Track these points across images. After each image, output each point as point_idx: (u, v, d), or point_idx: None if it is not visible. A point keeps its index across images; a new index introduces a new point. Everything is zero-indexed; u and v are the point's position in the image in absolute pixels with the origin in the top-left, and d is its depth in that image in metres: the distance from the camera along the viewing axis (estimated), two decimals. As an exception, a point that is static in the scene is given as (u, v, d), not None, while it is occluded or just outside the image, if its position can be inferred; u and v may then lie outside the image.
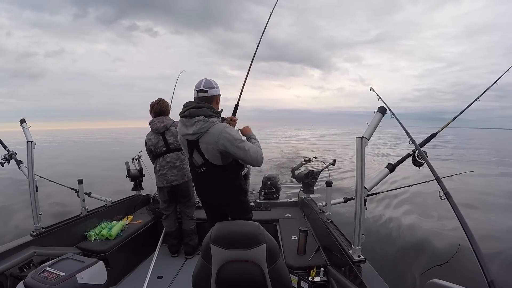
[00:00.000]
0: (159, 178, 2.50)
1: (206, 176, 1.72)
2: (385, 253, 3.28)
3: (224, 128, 1.60)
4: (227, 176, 1.72)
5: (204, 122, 1.58)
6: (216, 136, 1.58)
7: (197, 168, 1.71)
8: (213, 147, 1.60)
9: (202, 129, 1.58)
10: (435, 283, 0.82)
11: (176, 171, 2.48)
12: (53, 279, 1.26)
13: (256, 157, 1.63)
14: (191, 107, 1.62)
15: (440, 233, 3.80)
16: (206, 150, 1.62)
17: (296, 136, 27.76)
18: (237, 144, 1.58)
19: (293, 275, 1.74)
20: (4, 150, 2.26)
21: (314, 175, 2.98)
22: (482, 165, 11.91)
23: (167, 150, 2.47)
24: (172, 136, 2.46)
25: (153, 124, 2.45)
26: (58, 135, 48.95)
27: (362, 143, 1.47)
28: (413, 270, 2.94)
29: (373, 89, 1.75)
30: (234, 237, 1.01)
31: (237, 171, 1.78)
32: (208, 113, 1.60)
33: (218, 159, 1.63)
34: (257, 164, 1.67)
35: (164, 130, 2.45)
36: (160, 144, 2.46)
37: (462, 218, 0.94)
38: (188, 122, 1.62)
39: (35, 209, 1.94)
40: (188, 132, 1.62)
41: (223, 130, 1.59)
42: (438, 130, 1.79)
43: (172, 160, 2.47)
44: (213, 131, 1.59)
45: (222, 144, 1.57)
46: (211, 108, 1.64)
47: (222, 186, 1.74)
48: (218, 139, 1.57)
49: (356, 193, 1.49)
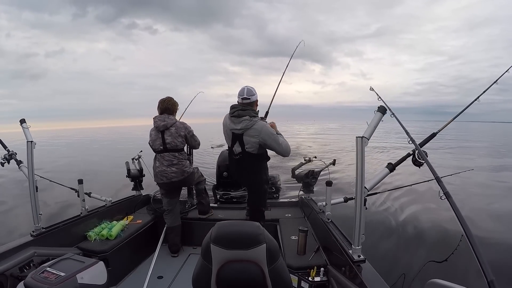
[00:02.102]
0: (158, 175, 2.52)
1: (240, 162, 2.25)
2: (385, 253, 3.28)
3: (264, 125, 2.14)
4: (256, 164, 2.27)
5: (249, 121, 2.11)
6: (258, 131, 2.11)
7: (235, 155, 2.24)
8: (254, 140, 2.12)
9: (248, 125, 2.12)
10: (435, 283, 0.82)
11: (175, 168, 2.50)
12: (53, 279, 1.26)
13: (286, 149, 2.19)
14: (239, 109, 2.15)
15: (440, 233, 3.80)
16: (247, 142, 2.14)
17: (298, 133, 27.77)
18: (274, 138, 2.13)
19: (293, 275, 1.74)
20: (4, 150, 2.26)
21: (314, 175, 2.97)
22: (483, 158, 11.89)
23: (164, 149, 2.48)
24: (170, 136, 2.47)
25: (155, 121, 2.49)
26: (60, 135, 48.99)
27: (362, 143, 1.47)
28: (413, 270, 2.94)
29: (372, 89, 1.75)
30: (234, 237, 1.01)
31: (265, 162, 2.32)
32: (252, 114, 2.14)
33: (255, 149, 2.15)
34: (286, 155, 2.21)
35: (163, 129, 2.46)
36: (158, 142, 2.48)
37: (462, 218, 0.95)
38: (236, 120, 2.15)
39: (35, 209, 1.94)
40: (236, 128, 2.15)
41: (263, 127, 2.12)
42: (438, 130, 1.79)
43: (170, 158, 2.49)
44: (256, 127, 2.11)
45: (262, 137, 2.11)
46: (253, 111, 2.17)
47: (251, 171, 2.28)
48: (259, 133, 2.11)
49: (356, 193, 1.49)
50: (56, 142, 28.82)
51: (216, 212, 3.01)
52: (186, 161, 2.61)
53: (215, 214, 2.95)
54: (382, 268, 2.88)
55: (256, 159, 2.22)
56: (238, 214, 2.96)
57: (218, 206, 3.29)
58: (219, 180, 3.74)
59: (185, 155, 2.60)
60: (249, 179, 2.37)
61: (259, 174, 2.31)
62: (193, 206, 3.09)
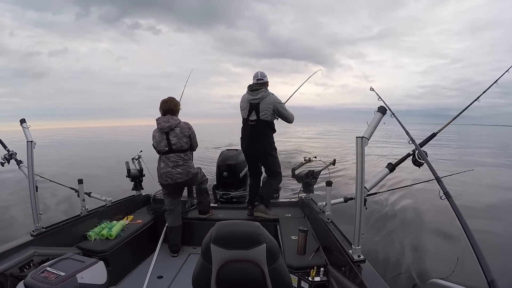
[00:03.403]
0: (163, 176, 2.50)
1: (254, 128, 2.70)
2: (385, 253, 3.27)
3: (275, 97, 2.71)
4: (267, 131, 2.73)
5: (265, 92, 2.67)
6: (272, 99, 2.66)
7: (251, 122, 2.70)
8: (268, 107, 2.64)
9: (264, 96, 2.65)
10: (435, 283, 0.82)
11: (181, 169, 2.49)
12: (53, 279, 1.26)
13: (291, 117, 2.79)
14: (256, 85, 2.71)
15: (440, 233, 3.80)
16: (263, 109, 2.65)
17: (298, 135, 27.79)
18: (283, 106, 2.74)
19: (293, 275, 1.74)
20: (4, 150, 2.26)
21: (314, 175, 2.98)
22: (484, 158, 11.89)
23: (169, 151, 2.47)
24: (175, 137, 2.46)
25: (159, 123, 2.46)
26: (62, 134, 48.92)
27: (362, 143, 1.47)
28: (413, 270, 2.94)
29: (373, 89, 1.75)
30: (234, 237, 1.01)
31: (273, 131, 2.77)
32: (266, 90, 2.71)
33: (269, 116, 2.66)
34: (291, 121, 2.80)
35: (168, 130, 2.45)
36: (163, 144, 2.46)
37: (462, 218, 0.95)
38: (254, 93, 2.67)
39: (35, 209, 1.94)
40: (254, 98, 2.67)
41: (275, 97, 2.70)
42: (438, 130, 1.79)
43: (176, 159, 2.48)
44: (270, 97, 2.67)
45: (275, 105, 2.66)
46: (266, 88, 2.73)
47: (262, 138, 2.72)
48: (273, 101, 2.66)
49: (356, 193, 1.49)
50: (58, 139, 28.82)
51: (216, 212, 3.01)
52: (191, 162, 2.61)
53: (215, 214, 2.95)
54: (382, 268, 2.89)
55: (267, 126, 2.70)
56: (238, 214, 2.96)
57: (218, 206, 3.29)
58: (219, 180, 3.74)
59: (190, 156, 2.60)
60: (261, 145, 2.73)
61: (268, 141, 2.75)
62: (193, 206, 3.10)
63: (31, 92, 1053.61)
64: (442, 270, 2.61)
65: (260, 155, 2.81)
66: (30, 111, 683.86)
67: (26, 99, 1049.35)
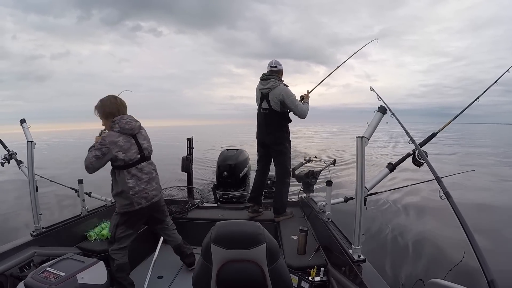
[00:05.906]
0: (135, 198, 1.85)
1: (267, 117, 2.65)
2: (385, 252, 3.27)
3: (285, 87, 2.61)
4: (280, 122, 2.66)
5: (274, 82, 2.59)
6: (280, 91, 2.56)
7: (263, 110, 2.65)
8: (276, 97, 2.56)
9: (273, 86, 2.58)
10: (435, 283, 0.81)
11: (155, 183, 1.98)
12: (53, 279, 1.26)
13: (302, 112, 2.62)
14: (267, 74, 2.66)
15: (440, 232, 3.80)
16: (272, 99, 2.59)
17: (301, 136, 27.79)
18: (292, 99, 2.58)
19: (293, 274, 1.74)
20: (4, 150, 2.26)
21: (314, 174, 2.97)
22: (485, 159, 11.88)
23: (141, 159, 1.90)
24: (145, 140, 1.96)
25: (126, 123, 1.85)
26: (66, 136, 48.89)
27: (362, 142, 1.47)
28: (413, 269, 2.94)
29: (372, 89, 1.75)
30: (234, 236, 1.01)
31: (287, 121, 2.71)
32: (277, 79, 2.64)
33: (278, 107, 2.59)
34: (301, 116, 2.64)
35: (137, 132, 1.93)
36: (134, 150, 1.86)
37: (462, 218, 0.94)
38: (264, 82, 2.62)
39: (35, 209, 1.94)
40: (264, 87, 2.61)
41: (284, 88, 2.59)
42: (438, 130, 1.79)
43: (149, 170, 1.95)
44: (279, 87, 2.58)
45: (282, 96, 2.55)
46: (278, 77, 2.66)
47: (275, 127, 2.66)
48: (280, 92, 2.55)
49: (356, 193, 1.49)
50: (62, 141, 28.81)
51: (216, 212, 3.01)
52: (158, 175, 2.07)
53: (215, 214, 2.95)
54: (382, 268, 2.89)
55: (279, 117, 2.64)
56: (238, 214, 2.95)
57: (218, 206, 3.28)
58: (219, 180, 3.73)
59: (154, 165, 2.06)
60: (274, 135, 2.66)
61: (281, 131, 2.67)
62: (193, 206, 3.09)
63: (34, 95, 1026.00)
64: (442, 270, 2.61)
65: (272, 144, 2.68)
66: (34, 113, 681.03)
67: (29, 102, 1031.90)
